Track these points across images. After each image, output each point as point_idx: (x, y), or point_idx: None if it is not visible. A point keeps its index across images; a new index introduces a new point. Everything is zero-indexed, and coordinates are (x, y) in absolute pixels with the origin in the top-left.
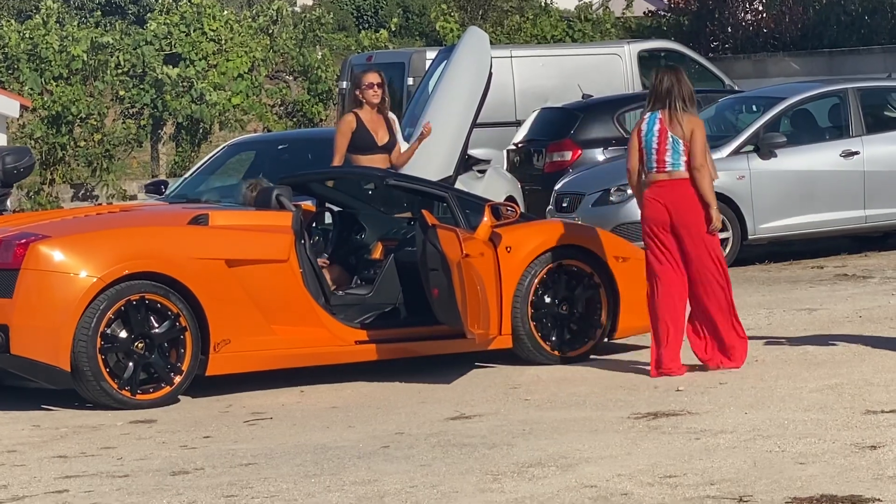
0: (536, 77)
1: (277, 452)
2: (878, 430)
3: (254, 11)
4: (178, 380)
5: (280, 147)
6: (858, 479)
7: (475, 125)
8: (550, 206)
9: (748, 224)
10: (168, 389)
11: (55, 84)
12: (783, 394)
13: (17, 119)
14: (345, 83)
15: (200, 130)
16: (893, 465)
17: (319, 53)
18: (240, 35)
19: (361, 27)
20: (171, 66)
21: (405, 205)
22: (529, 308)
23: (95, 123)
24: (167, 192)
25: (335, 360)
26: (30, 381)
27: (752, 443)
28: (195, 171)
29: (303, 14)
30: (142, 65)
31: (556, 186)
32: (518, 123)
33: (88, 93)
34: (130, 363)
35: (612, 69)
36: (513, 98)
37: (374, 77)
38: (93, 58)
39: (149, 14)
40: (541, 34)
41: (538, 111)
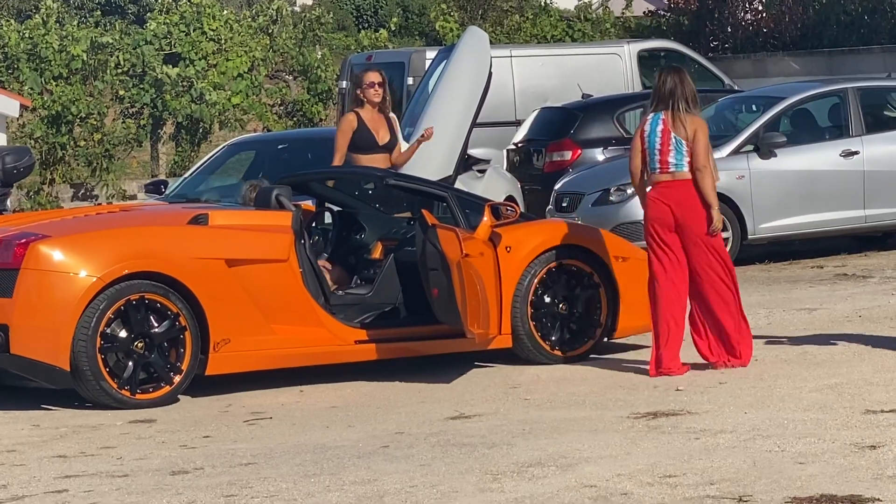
0: (536, 77)
1: (277, 452)
2: (878, 430)
3: (253, 11)
4: (178, 379)
5: (280, 147)
6: (858, 479)
7: (475, 125)
8: (550, 206)
9: (748, 224)
10: (168, 389)
11: (55, 84)
12: (783, 393)
13: (17, 119)
14: (344, 83)
15: (200, 130)
16: (893, 465)
17: (319, 53)
18: (239, 35)
19: (361, 27)
20: (171, 66)
21: (405, 204)
22: (529, 308)
23: (95, 123)
24: (167, 192)
25: (335, 360)
26: (29, 381)
27: (752, 442)
28: (195, 171)
29: (302, 14)
30: (141, 64)
31: (556, 186)
32: (518, 123)
33: (88, 92)
34: (130, 363)
35: (612, 69)
36: (512, 98)
37: (376, 76)
38: (92, 57)
39: (148, 14)
40: (540, 34)
41: (538, 111)
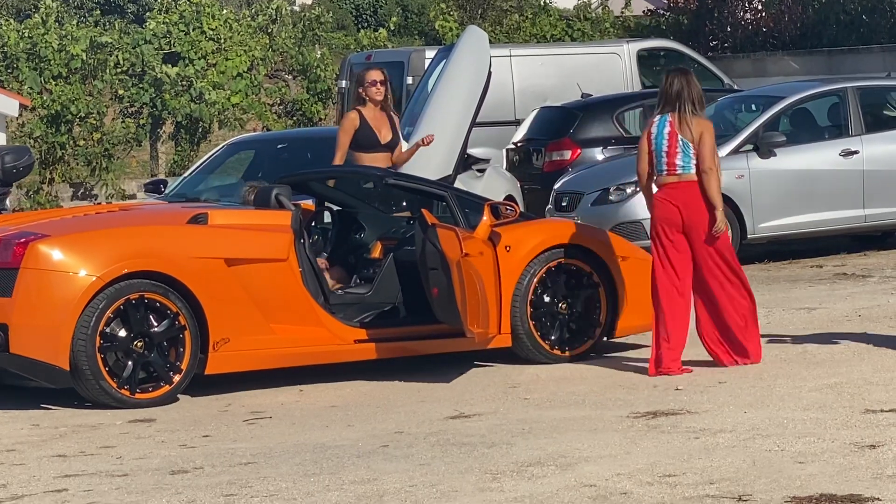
0: (535, 76)
1: (277, 451)
2: (878, 430)
3: (253, 10)
4: (178, 379)
5: (279, 146)
6: (858, 479)
7: (474, 124)
8: (550, 206)
9: (747, 223)
10: (167, 388)
11: (54, 83)
12: (782, 393)
13: (17, 118)
14: (344, 82)
15: (199, 129)
16: (893, 465)
17: (318, 52)
18: (239, 34)
19: (360, 26)
20: (171, 65)
21: (405, 204)
22: (529, 307)
23: (95, 122)
24: (166, 191)
25: (334, 359)
26: (29, 380)
27: (752, 442)
28: (194, 171)
29: (302, 13)
30: (141, 64)
31: (556, 185)
32: (517, 122)
33: (88, 92)
34: (129, 362)
35: (612, 68)
36: (512, 97)
37: (378, 74)
38: (92, 57)
39: (148, 13)
40: (540, 33)
41: (537, 110)
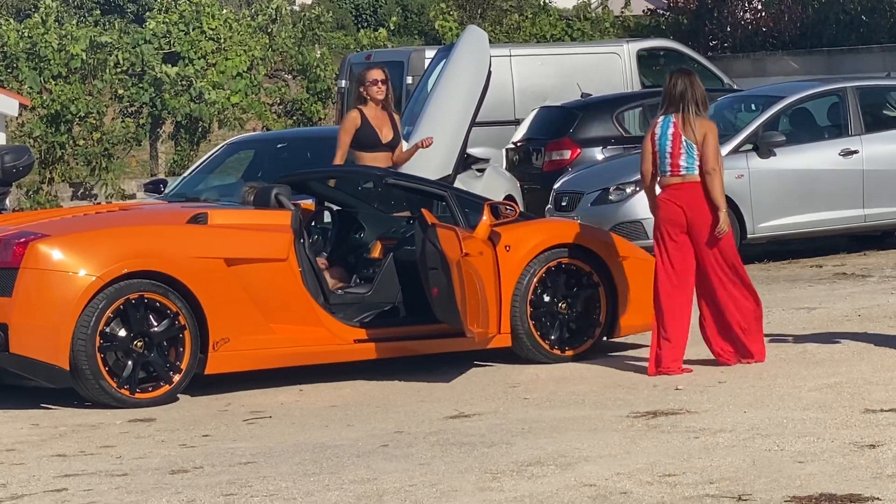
0: (535, 76)
1: (276, 451)
2: (877, 429)
3: (253, 10)
4: (177, 378)
5: (279, 146)
6: (857, 478)
7: (474, 124)
8: (549, 205)
9: (747, 223)
10: (167, 388)
11: (54, 83)
12: (782, 392)
13: (17, 118)
14: (343, 82)
15: (199, 129)
16: (892, 464)
17: (318, 52)
18: (239, 34)
19: (360, 26)
20: (170, 65)
21: (404, 204)
22: (528, 307)
23: (94, 122)
24: (166, 191)
25: (334, 359)
26: (29, 380)
27: (751, 441)
28: (194, 170)
29: (302, 13)
30: (141, 63)
31: (555, 185)
32: (517, 122)
33: (87, 92)
34: (129, 362)
35: (611, 68)
36: (512, 97)
37: (379, 74)
38: (92, 56)
39: (148, 13)
40: (540, 33)
41: (537, 110)
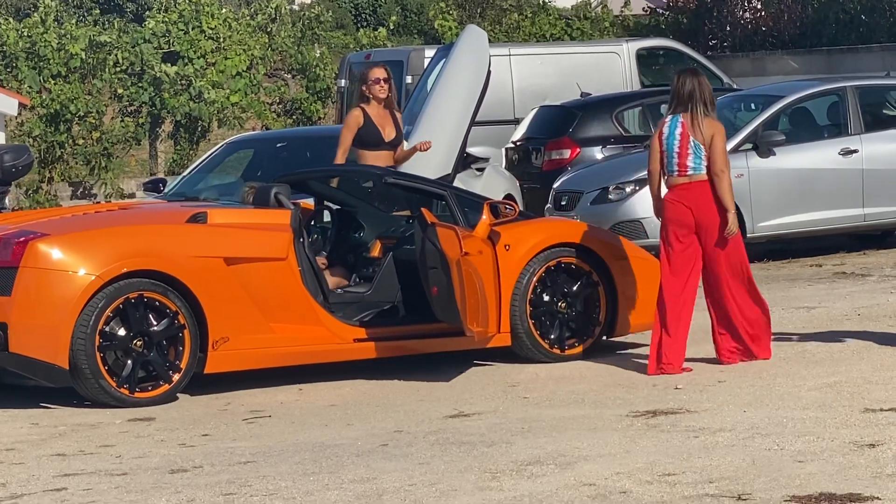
0: (535, 75)
1: (276, 450)
2: (877, 429)
3: (252, 9)
4: (177, 378)
5: (278, 145)
6: (857, 478)
7: (474, 123)
8: (549, 205)
9: (747, 222)
10: (167, 387)
11: (54, 82)
12: (782, 392)
13: (16, 117)
14: (343, 81)
15: (199, 128)
16: (892, 464)
17: (318, 51)
18: (238, 33)
19: (360, 25)
20: (170, 64)
21: (404, 203)
22: (528, 306)
23: (94, 122)
24: (165, 191)
25: (334, 358)
26: (28, 379)
27: (751, 441)
28: (193, 170)
29: (301, 12)
30: (140, 63)
31: (555, 184)
32: (516, 121)
33: (87, 91)
34: (129, 361)
35: (611, 67)
36: (511, 96)
37: (381, 72)
38: (91, 56)
39: (147, 12)
40: (539, 32)
41: (537, 109)
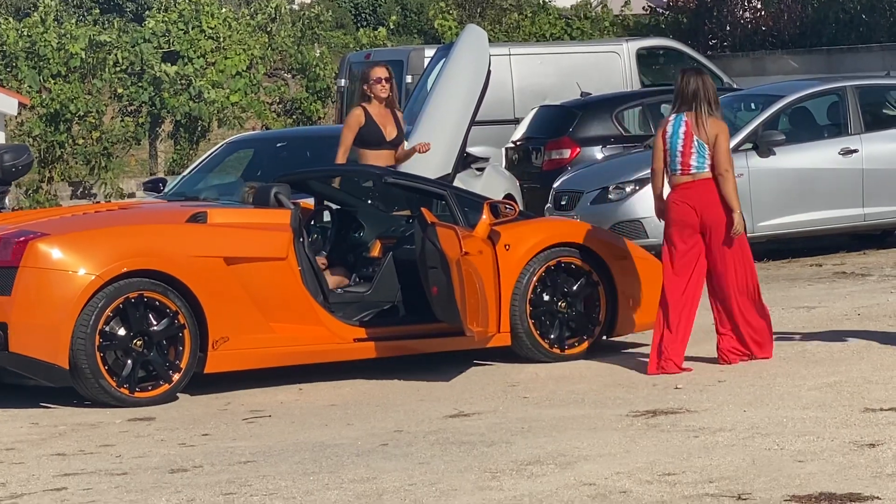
0: (535, 75)
1: (276, 450)
2: (877, 428)
3: (252, 9)
4: (177, 377)
5: (278, 145)
6: (857, 477)
7: (473, 123)
8: (549, 204)
9: (747, 222)
10: (166, 387)
11: (53, 82)
12: (782, 392)
13: (16, 117)
14: (343, 81)
15: (199, 128)
16: (892, 463)
17: (318, 51)
18: (238, 33)
19: (360, 25)
20: (170, 64)
21: (404, 202)
22: (528, 306)
23: (94, 121)
24: (165, 190)
25: (334, 358)
26: (28, 379)
27: (751, 441)
28: (193, 169)
29: (301, 12)
30: (140, 62)
31: (555, 184)
32: (516, 121)
33: (87, 91)
34: (129, 361)
35: (611, 67)
36: (511, 96)
37: (382, 72)
38: (91, 55)
39: (147, 12)
40: (539, 32)
41: (536, 109)
